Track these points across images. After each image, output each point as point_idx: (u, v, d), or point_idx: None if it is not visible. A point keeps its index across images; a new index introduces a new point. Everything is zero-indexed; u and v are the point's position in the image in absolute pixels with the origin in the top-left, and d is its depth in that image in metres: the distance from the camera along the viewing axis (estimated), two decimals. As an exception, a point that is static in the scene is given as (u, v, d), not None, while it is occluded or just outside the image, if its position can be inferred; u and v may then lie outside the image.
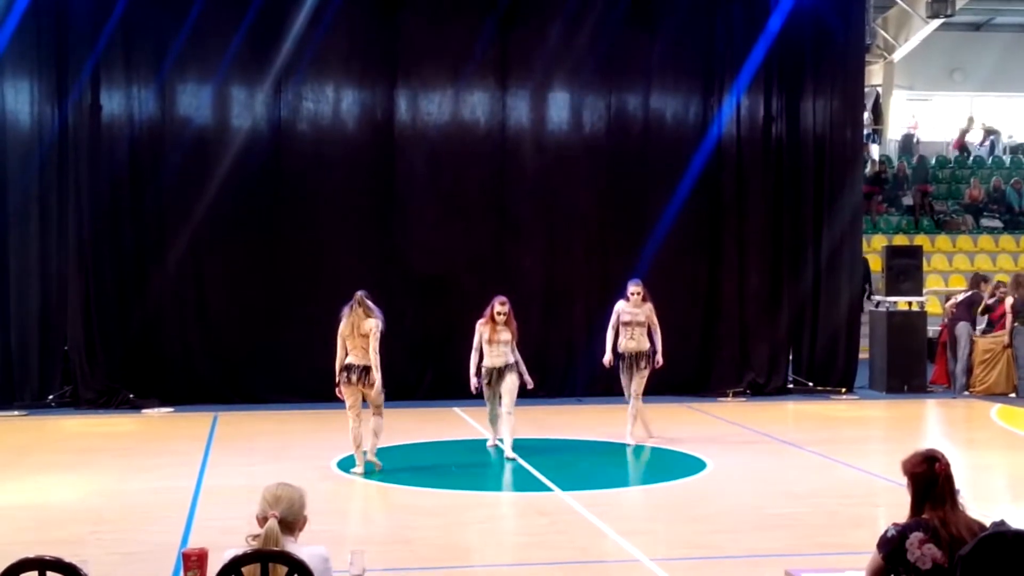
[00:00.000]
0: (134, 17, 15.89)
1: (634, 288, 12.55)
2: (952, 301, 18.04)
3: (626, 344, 12.45)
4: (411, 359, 16.17)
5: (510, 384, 11.77)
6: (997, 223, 27.06)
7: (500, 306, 11.91)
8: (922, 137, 30.51)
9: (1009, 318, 17.19)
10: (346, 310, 11.21)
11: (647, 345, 12.49)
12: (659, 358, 12.58)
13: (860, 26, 18.59)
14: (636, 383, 12.45)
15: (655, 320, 12.57)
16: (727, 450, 12.55)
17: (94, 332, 15.80)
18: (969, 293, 17.70)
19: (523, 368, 11.94)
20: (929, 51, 29.47)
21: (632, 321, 12.44)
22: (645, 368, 12.47)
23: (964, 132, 30.64)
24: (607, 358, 12.56)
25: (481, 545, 8.85)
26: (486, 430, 12.51)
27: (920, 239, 24.58)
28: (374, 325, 10.98)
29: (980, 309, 17.85)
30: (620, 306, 12.57)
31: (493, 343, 11.84)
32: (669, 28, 17.34)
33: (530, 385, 11.94)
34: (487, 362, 11.86)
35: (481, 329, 11.91)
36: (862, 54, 19.07)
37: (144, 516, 9.42)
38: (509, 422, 11.73)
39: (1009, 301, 17.22)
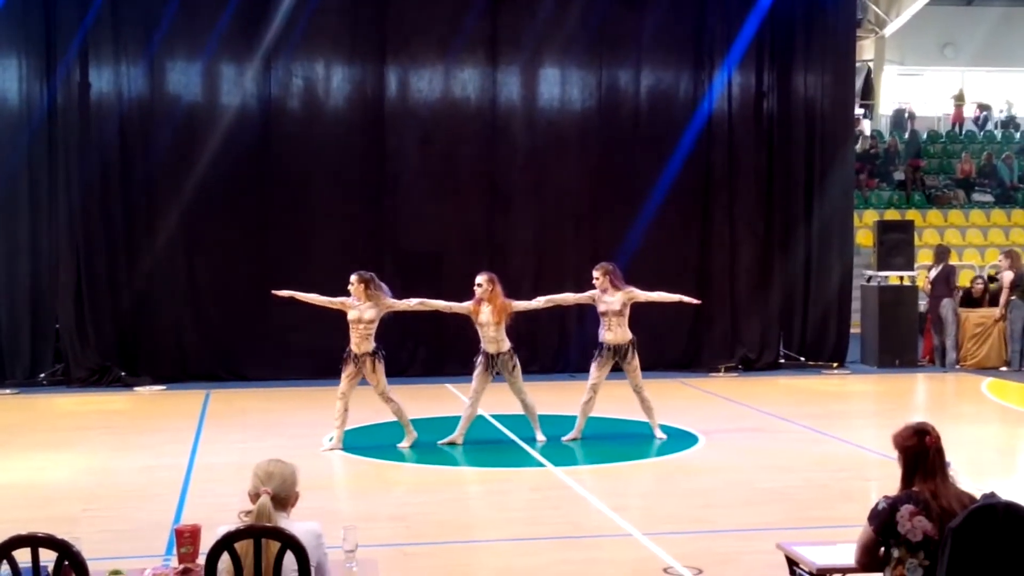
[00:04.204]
0: (122, -7, 15.86)
1: (595, 273, 11.48)
2: (927, 279, 18.01)
3: (604, 335, 11.43)
4: (403, 336, 16.13)
5: (512, 379, 11.38)
6: (988, 198, 27.08)
7: (478, 278, 11.36)
8: (915, 112, 30.46)
9: (1006, 292, 17.20)
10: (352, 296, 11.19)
11: (628, 336, 11.40)
12: (684, 298, 11.73)
13: (851, 1, 18.56)
14: (632, 377, 11.47)
15: (643, 296, 11.56)
16: (719, 425, 12.58)
17: (85, 310, 15.80)
18: (941, 267, 17.66)
19: None
20: (920, 26, 29.43)
21: (608, 311, 11.36)
22: (631, 360, 11.40)
23: (960, 106, 30.60)
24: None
25: (474, 521, 8.87)
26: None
27: (911, 214, 24.58)
28: (385, 309, 11.14)
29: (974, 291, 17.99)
30: (595, 293, 11.48)
31: (479, 325, 11.33)
32: (660, 3, 17.32)
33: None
34: (483, 344, 11.40)
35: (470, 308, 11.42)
36: (853, 29, 19.08)
37: (137, 493, 9.43)
38: (530, 401, 11.56)
39: (1008, 276, 17.22)
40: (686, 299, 11.85)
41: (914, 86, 32.10)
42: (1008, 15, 31.15)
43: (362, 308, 11.10)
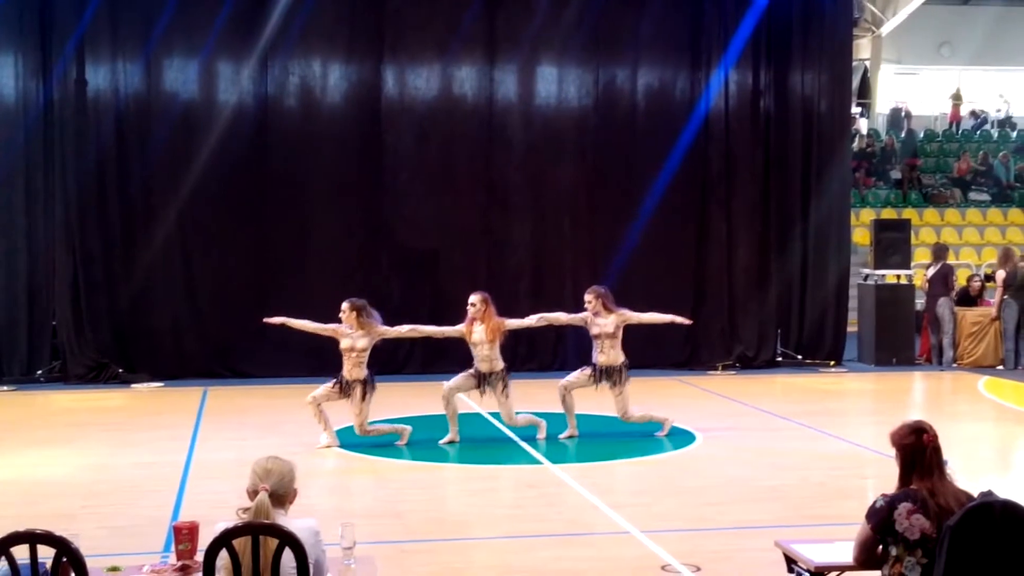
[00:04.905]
0: (119, -10, 15.85)
1: (586, 296, 11.51)
2: (924, 277, 18.05)
3: (597, 357, 11.45)
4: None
5: (501, 400, 11.34)
6: (985, 196, 27.09)
7: (471, 297, 11.34)
8: (911, 111, 30.48)
9: (999, 291, 17.23)
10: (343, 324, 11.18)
11: (620, 359, 11.42)
12: (676, 319, 11.77)
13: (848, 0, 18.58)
14: (619, 404, 11.51)
15: (635, 318, 11.50)
16: (717, 423, 12.59)
17: (82, 307, 15.79)
18: (939, 266, 17.69)
19: None
20: (917, 25, 29.44)
21: (601, 333, 11.39)
22: (621, 384, 11.43)
23: (957, 105, 30.63)
24: (555, 318, 11.83)
25: (471, 518, 8.87)
26: (467, 405, 12.06)
27: (908, 213, 24.61)
28: (377, 337, 11.13)
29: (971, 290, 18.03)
30: (587, 316, 11.50)
31: (472, 344, 11.30)
32: (657, 2, 17.34)
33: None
34: (475, 363, 11.34)
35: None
36: (850, 28, 19.09)
37: (135, 490, 9.43)
38: (521, 422, 11.53)
39: (1001, 275, 17.25)
40: (678, 319, 11.91)
41: (911, 85, 32.12)
42: (1005, 14, 31.16)
43: (355, 336, 11.13)
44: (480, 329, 11.27)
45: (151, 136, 16.05)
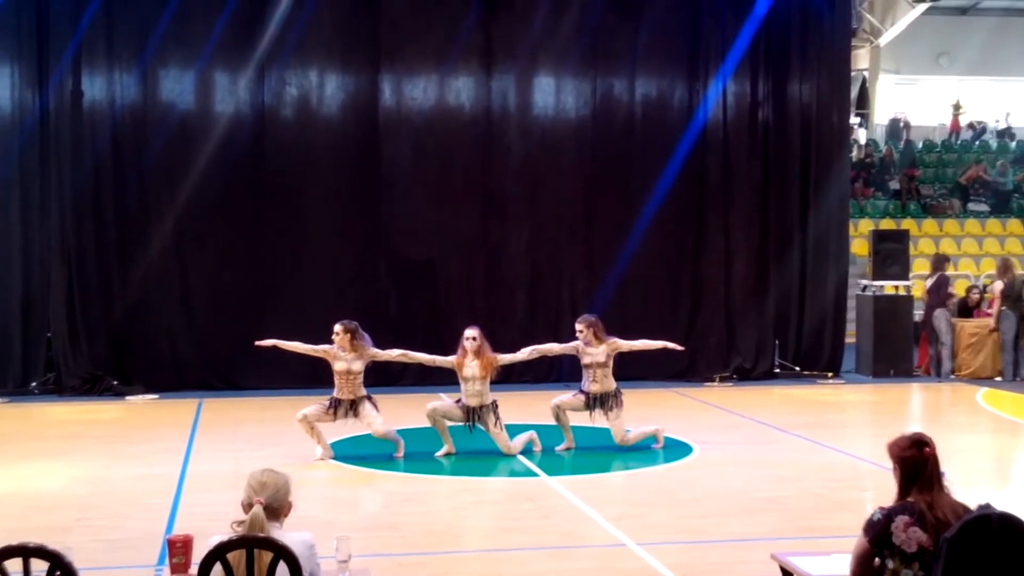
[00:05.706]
0: (116, 1, 15.81)
1: (578, 326, 11.46)
2: (924, 288, 18.03)
3: (589, 386, 11.42)
4: (396, 344, 16.02)
5: (495, 432, 11.27)
6: (983, 207, 27.10)
7: (468, 331, 11.20)
8: (910, 121, 30.50)
9: (997, 302, 17.21)
10: (334, 346, 11.17)
11: (612, 386, 11.39)
12: (668, 345, 11.67)
13: (846, 10, 18.60)
14: (616, 431, 11.45)
15: (627, 346, 11.48)
16: (714, 435, 12.56)
17: (77, 319, 15.75)
18: (935, 277, 17.68)
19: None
20: (915, 35, 29.46)
21: (592, 363, 11.37)
22: (614, 409, 11.41)
23: (957, 115, 30.66)
24: (540, 348, 11.76)
25: (467, 530, 8.85)
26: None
27: (907, 223, 24.60)
28: (368, 359, 11.18)
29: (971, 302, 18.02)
30: (579, 345, 11.49)
31: (463, 379, 11.19)
32: (654, 12, 17.33)
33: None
34: (463, 398, 11.28)
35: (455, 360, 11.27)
36: (848, 38, 19.08)
37: (129, 503, 9.39)
38: (518, 447, 11.43)
39: (998, 286, 17.24)
40: (670, 345, 11.83)
41: (909, 95, 32.15)
42: (1003, 25, 31.21)
43: (349, 359, 11.13)
44: (474, 364, 11.17)
45: (147, 146, 16.03)
